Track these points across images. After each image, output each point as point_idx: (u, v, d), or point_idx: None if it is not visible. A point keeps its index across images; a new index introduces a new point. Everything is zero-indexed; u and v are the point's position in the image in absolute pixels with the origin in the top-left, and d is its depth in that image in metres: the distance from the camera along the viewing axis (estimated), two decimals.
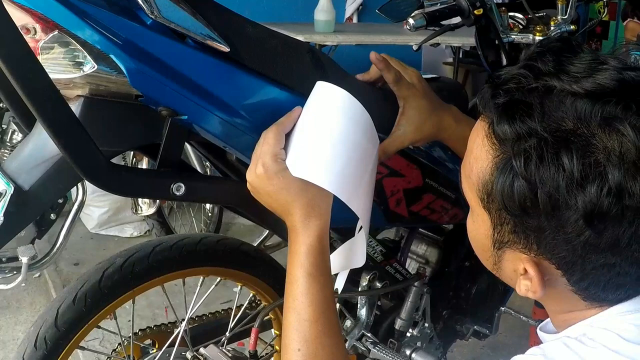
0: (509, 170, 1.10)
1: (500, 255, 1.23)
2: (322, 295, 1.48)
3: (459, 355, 3.71)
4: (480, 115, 1.21)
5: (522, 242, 1.16)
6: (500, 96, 1.13)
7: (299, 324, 1.46)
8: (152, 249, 2.03)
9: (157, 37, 1.48)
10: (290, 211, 1.50)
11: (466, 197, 1.28)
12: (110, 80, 1.49)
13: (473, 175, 1.20)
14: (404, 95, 1.86)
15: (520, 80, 1.12)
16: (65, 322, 1.94)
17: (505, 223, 1.17)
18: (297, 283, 1.48)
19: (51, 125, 1.39)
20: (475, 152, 1.20)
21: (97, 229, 5.28)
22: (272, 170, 1.47)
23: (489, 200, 1.17)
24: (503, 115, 1.11)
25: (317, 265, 1.49)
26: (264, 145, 1.50)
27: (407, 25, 2.54)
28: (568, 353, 1.14)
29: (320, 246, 1.50)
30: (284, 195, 1.48)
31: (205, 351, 2.15)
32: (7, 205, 1.52)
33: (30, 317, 4.16)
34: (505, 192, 1.11)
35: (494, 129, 1.12)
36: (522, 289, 1.21)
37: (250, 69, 1.62)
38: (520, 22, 2.90)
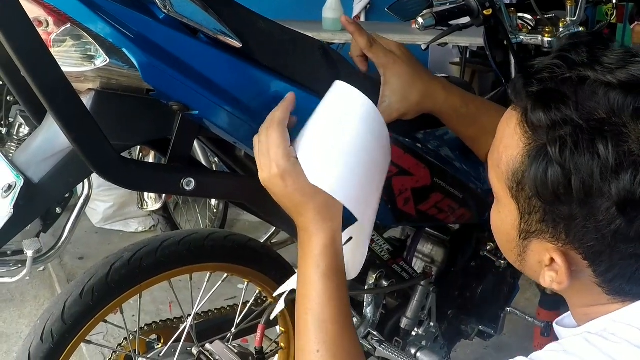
0: (543, 158, 1.10)
1: (526, 246, 1.23)
2: (338, 295, 1.48)
3: (462, 355, 3.70)
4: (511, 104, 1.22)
5: (550, 232, 1.16)
6: (534, 85, 1.14)
7: (316, 325, 1.45)
8: (160, 243, 2.03)
9: (169, 32, 1.48)
10: (302, 212, 1.49)
11: (493, 187, 1.27)
12: (121, 74, 1.49)
13: (502, 164, 1.20)
14: (383, 63, 1.80)
15: (554, 70, 1.13)
16: (72, 315, 1.93)
17: (534, 212, 1.17)
18: (313, 285, 1.47)
19: (63, 118, 1.39)
20: (505, 140, 1.20)
21: (102, 223, 5.28)
22: (286, 171, 1.46)
23: (518, 189, 1.18)
24: (538, 103, 1.12)
25: (332, 266, 1.48)
26: (273, 147, 1.47)
27: (416, 25, 2.54)
28: (590, 348, 1.13)
29: (334, 247, 1.49)
30: (297, 196, 1.47)
31: (211, 347, 2.15)
32: (17, 197, 1.52)
33: (34, 311, 4.16)
34: (539, 179, 1.11)
35: (528, 116, 1.13)
36: (546, 280, 1.21)
37: (262, 64, 1.61)
38: (529, 23, 2.90)
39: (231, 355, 2.11)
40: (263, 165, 1.50)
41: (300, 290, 1.50)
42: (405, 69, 1.80)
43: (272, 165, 1.47)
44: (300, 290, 1.50)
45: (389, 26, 5.72)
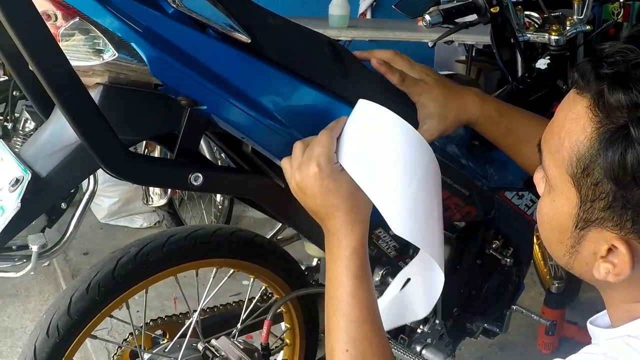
0: (622, 140, 1.07)
1: (582, 237, 1.19)
2: (368, 296, 1.50)
3: (466, 354, 3.71)
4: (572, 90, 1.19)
5: (613, 220, 1.12)
6: (606, 67, 1.11)
7: (347, 325, 1.46)
8: (166, 239, 2.03)
9: (178, 26, 1.48)
10: (334, 214, 1.50)
11: (548, 176, 1.23)
12: (130, 68, 1.49)
13: (564, 150, 1.16)
14: (416, 93, 1.86)
15: (627, 54, 1.10)
16: (78, 310, 1.94)
17: (600, 198, 1.12)
18: (343, 286, 1.48)
19: (71, 112, 1.39)
20: (568, 126, 1.16)
21: (107, 219, 5.29)
22: (326, 172, 1.46)
23: (583, 175, 1.14)
24: (616, 83, 1.08)
25: (362, 268, 1.50)
26: (319, 147, 1.48)
27: (423, 22, 2.54)
28: (631, 352, 1.12)
29: (364, 250, 1.51)
30: (331, 198, 1.48)
31: (217, 342, 2.15)
32: (24, 191, 1.51)
33: (38, 306, 4.17)
34: (616, 162, 1.07)
35: (604, 98, 1.09)
36: (601, 273, 1.17)
37: (271, 60, 1.61)
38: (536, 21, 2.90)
39: (237, 351, 2.10)
40: (302, 163, 1.50)
41: (330, 291, 1.52)
42: (437, 93, 1.86)
43: (311, 164, 1.48)
44: (330, 291, 1.52)
45: (395, 23, 5.72)
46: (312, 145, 1.51)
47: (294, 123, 1.66)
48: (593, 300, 1.32)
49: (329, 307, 1.51)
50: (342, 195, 1.48)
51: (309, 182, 1.48)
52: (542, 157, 1.26)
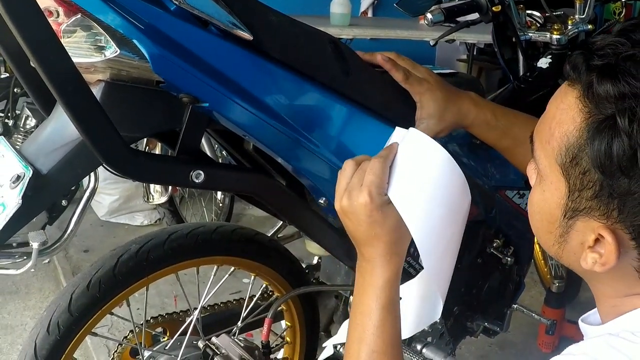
0: (608, 129, 1.09)
1: (570, 226, 1.21)
2: (394, 329, 1.49)
3: (467, 352, 3.71)
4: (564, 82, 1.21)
5: (600, 209, 1.15)
6: (596, 59, 1.13)
7: (368, 355, 1.46)
8: (167, 236, 2.03)
9: (180, 24, 1.47)
10: (374, 244, 1.48)
11: (539, 165, 1.26)
12: (132, 65, 1.49)
13: (554, 140, 1.19)
14: (418, 91, 1.87)
15: (617, 46, 1.12)
16: (79, 307, 1.94)
17: (587, 188, 1.15)
18: (370, 315, 1.48)
19: (72, 109, 1.38)
20: (559, 116, 1.19)
21: (107, 216, 5.29)
22: (376, 203, 1.45)
23: (572, 164, 1.16)
24: (605, 75, 1.11)
25: (392, 300, 1.49)
26: (372, 176, 1.46)
27: (425, 20, 2.54)
28: (611, 352, 1.13)
29: (397, 282, 1.51)
30: (376, 228, 1.46)
31: (217, 340, 2.15)
32: (25, 188, 1.51)
33: (39, 303, 4.18)
34: (602, 151, 1.10)
35: (593, 88, 1.11)
36: (588, 262, 1.19)
37: (273, 58, 1.61)
38: (538, 20, 2.90)
39: (237, 349, 2.10)
40: (353, 189, 1.49)
41: (355, 318, 1.52)
42: (438, 94, 1.88)
43: (362, 193, 1.46)
44: (355, 318, 1.52)
45: (396, 22, 5.72)
46: (364, 171, 1.49)
47: (296, 120, 1.66)
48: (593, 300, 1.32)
49: (352, 334, 1.51)
50: (387, 228, 1.46)
51: (357, 210, 1.47)
52: (533, 148, 1.28)
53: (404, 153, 1.52)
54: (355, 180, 1.49)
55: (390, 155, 1.52)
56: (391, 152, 1.52)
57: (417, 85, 1.87)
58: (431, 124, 1.86)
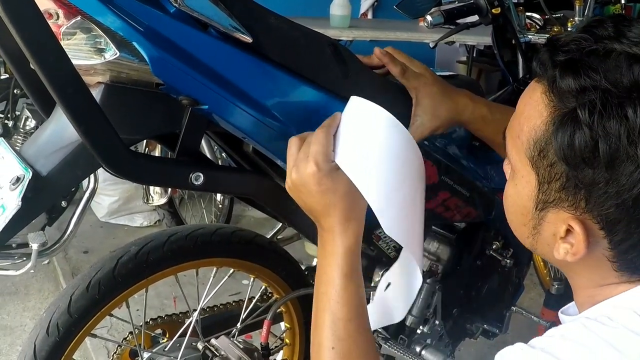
0: (571, 122, 1.12)
1: (542, 218, 1.25)
2: (357, 295, 1.50)
3: (466, 354, 3.70)
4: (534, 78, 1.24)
5: (569, 200, 1.18)
6: (561, 55, 1.16)
7: (334, 323, 1.47)
8: (167, 238, 2.03)
9: (180, 26, 1.48)
10: (330, 212, 1.49)
11: (510, 160, 1.30)
12: (131, 67, 1.49)
13: (523, 134, 1.23)
14: (414, 86, 1.88)
15: (580, 42, 1.16)
16: (78, 309, 1.94)
17: (555, 179, 1.19)
18: (333, 283, 1.48)
19: (72, 111, 1.39)
20: (527, 111, 1.23)
21: (107, 217, 5.28)
22: (324, 171, 1.46)
23: (539, 157, 1.20)
24: (567, 69, 1.14)
25: (354, 267, 1.50)
26: (316, 145, 1.47)
27: (425, 22, 2.55)
28: (586, 333, 1.15)
29: (357, 249, 1.51)
30: (329, 196, 1.47)
31: (217, 342, 2.15)
32: (25, 190, 1.51)
33: (38, 304, 4.17)
34: (565, 143, 1.13)
35: (556, 83, 1.15)
36: (560, 253, 1.23)
37: (272, 60, 1.61)
38: (537, 22, 2.90)
39: (237, 351, 2.10)
40: (299, 161, 1.49)
41: (319, 288, 1.52)
42: (434, 90, 1.88)
43: (309, 163, 1.47)
44: (319, 288, 1.52)
45: (396, 24, 5.72)
46: (309, 143, 1.50)
47: (295, 123, 1.66)
48: None
49: (318, 304, 1.52)
50: (339, 194, 1.47)
51: (307, 180, 1.48)
52: (505, 143, 1.32)
53: (347, 120, 1.52)
54: (301, 154, 1.50)
55: (333, 124, 1.53)
56: (334, 121, 1.54)
57: (413, 80, 1.88)
58: (426, 120, 1.86)
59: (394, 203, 1.51)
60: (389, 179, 1.50)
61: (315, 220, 1.54)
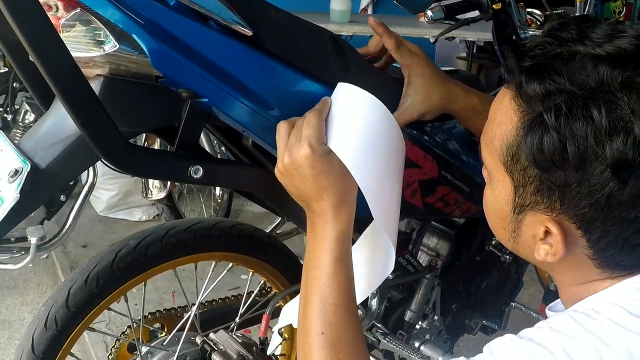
0: (539, 126, 1.15)
1: (520, 221, 1.28)
2: (348, 280, 1.50)
3: (465, 350, 3.69)
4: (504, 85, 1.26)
5: (544, 202, 1.21)
6: (526, 61, 1.19)
7: (323, 307, 1.46)
8: (165, 232, 2.03)
9: (180, 19, 1.47)
10: (323, 196, 1.49)
11: (486, 165, 1.32)
12: (131, 60, 1.48)
13: (496, 140, 1.25)
14: (408, 63, 1.84)
15: (545, 46, 1.18)
16: (77, 302, 1.94)
17: (529, 183, 1.21)
18: (324, 267, 1.48)
19: (71, 104, 1.38)
20: (499, 118, 1.25)
21: (105, 211, 5.28)
22: (318, 153, 1.46)
23: (513, 162, 1.22)
24: (532, 75, 1.16)
25: (345, 251, 1.50)
26: (308, 129, 1.48)
27: (425, 17, 2.54)
28: (574, 325, 1.17)
29: (349, 233, 1.51)
30: (322, 179, 1.47)
31: (215, 336, 2.14)
32: (23, 183, 1.51)
33: (36, 298, 4.18)
34: (535, 147, 1.16)
35: (523, 89, 1.17)
36: (541, 254, 1.26)
37: (272, 53, 1.61)
38: (538, 18, 2.91)
39: (235, 345, 2.10)
40: (292, 145, 1.49)
41: (309, 271, 1.51)
42: (429, 70, 1.85)
43: (302, 146, 1.47)
44: (309, 271, 1.51)
45: (396, 19, 5.71)
46: (300, 127, 1.51)
47: (294, 116, 1.65)
48: None
49: (307, 287, 1.51)
50: (333, 177, 1.48)
51: (300, 164, 1.47)
52: (480, 150, 1.34)
53: (337, 105, 1.55)
54: (292, 138, 1.50)
55: (325, 109, 1.55)
56: (325, 106, 1.55)
57: (407, 57, 1.85)
58: (417, 102, 1.82)
59: (381, 187, 1.54)
60: (378, 162, 1.53)
61: (306, 204, 1.54)
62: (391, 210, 1.61)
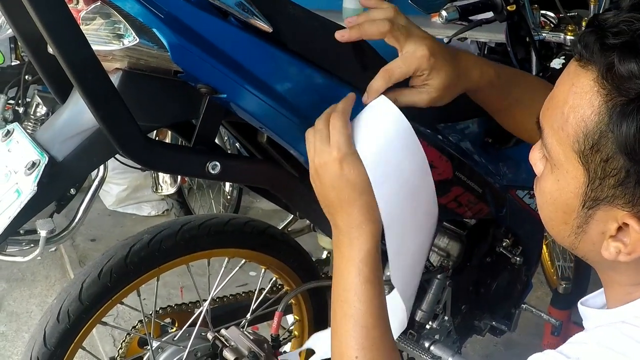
0: (636, 112, 1.04)
1: (590, 216, 1.16)
2: (379, 301, 1.45)
3: (472, 351, 3.71)
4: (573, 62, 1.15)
5: (626, 197, 1.10)
6: (612, 38, 1.07)
7: (356, 331, 1.42)
8: (180, 227, 2.03)
9: (200, 14, 1.47)
10: (347, 210, 1.44)
11: (551, 154, 1.19)
12: (150, 54, 1.48)
13: (569, 126, 1.13)
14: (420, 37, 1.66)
15: (633, 22, 1.06)
16: (89, 296, 1.95)
17: (611, 175, 1.09)
18: (354, 290, 1.44)
19: (91, 96, 1.38)
20: (572, 100, 1.13)
21: (115, 206, 5.27)
22: (347, 157, 1.41)
23: (592, 151, 1.10)
24: (627, 53, 1.04)
25: (374, 272, 1.45)
26: (337, 133, 1.42)
27: (439, 18, 2.54)
28: (624, 340, 1.10)
29: (377, 252, 1.45)
30: (348, 190, 1.42)
31: (227, 332, 2.14)
32: (40, 175, 1.51)
33: (44, 291, 4.18)
34: (631, 135, 1.04)
35: (615, 69, 1.05)
36: (611, 252, 1.15)
37: (291, 50, 1.60)
38: (552, 20, 2.90)
39: (247, 342, 2.10)
40: (320, 150, 1.45)
41: (339, 294, 1.48)
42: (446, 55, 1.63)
43: (332, 150, 1.42)
44: (339, 294, 1.48)
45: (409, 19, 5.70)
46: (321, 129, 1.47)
47: (312, 114, 1.65)
48: None
49: (337, 310, 1.47)
50: (359, 189, 1.42)
51: (328, 169, 1.43)
52: (542, 134, 1.22)
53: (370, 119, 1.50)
54: (321, 145, 1.45)
55: (346, 107, 1.49)
56: (346, 104, 1.49)
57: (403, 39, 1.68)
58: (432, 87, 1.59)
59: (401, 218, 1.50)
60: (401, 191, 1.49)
61: (331, 217, 1.50)
62: (408, 256, 1.57)
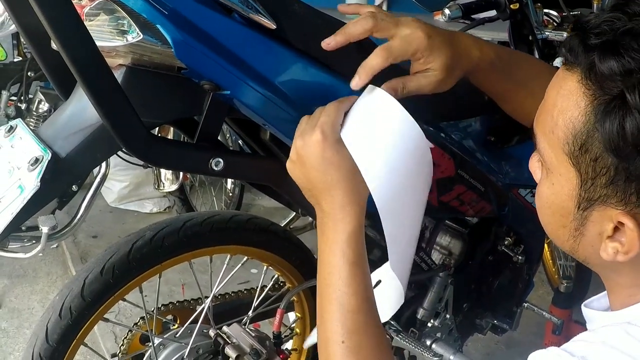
0: (618, 108, 1.03)
1: (585, 218, 1.15)
2: (365, 284, 1.44)
3: (473, 350, 3.70)
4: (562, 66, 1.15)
5: (618, 195, 1.08)
6: (594, 38, 1.07)
7: (342, 314, 1.40)
8: (182, 224, 2.03)
9: (204, 10, 1.47)
10: (331, 192, 1.42)
11: (544, 158, 1.20)
12: (154, 50, 1.48)
13: (558, 129, 1.13)
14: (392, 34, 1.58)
15: (613, 22, 1.06)
16: (92, 292, 1.94)
17: (601, 174, 1.09)
18: (339, 273, 1.42)
19: (94, 92, 1.38)
20: (561, 103, 1.13)
21: (116, 203, 5.28)
22: (329, 140, 1.39)
23: (581, 152, 1.10)
24: (606, 52, 1.05)
25: (359, 254, 1.43)
26: (325, 116, 1.42)
27: (442, 16, 2.54)
28: (630, 341, 1.08)
29: (360, 234, 1.44)
30: (331, 172, 1.41)
31: (229, 329, 2.14)
32: (44, 171, 1.51)
33: (46, 287, 4.19)
34: (614, 132, 1.03)
35: (596, 68, 1.06)
36: (609, 253, 1.13)
37: (295, 47, 1.60)
38: (555, 19, 2.90)
39: (248, 339, 2.10)
40: (305, 131, 1.43)
41: (324, 278, 1.45)
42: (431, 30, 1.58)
43: (315, 131, 1.41)
44: (324, 278, 1.45)
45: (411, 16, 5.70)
46: (317, 114, 1.45)
47: None
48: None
49: (323, 294, 1.45)
50: (343, 171, 1.41)
51: (311, 150, 1.41)
52: (536, 140, 1.22)
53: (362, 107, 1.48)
54: (308, 125, 1.44)
55: (346, 102, 1.48)
56: (348, 100, 1.48)
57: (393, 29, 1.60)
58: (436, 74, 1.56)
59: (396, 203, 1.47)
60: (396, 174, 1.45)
61: (315, 201, 1.48)
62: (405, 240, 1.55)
